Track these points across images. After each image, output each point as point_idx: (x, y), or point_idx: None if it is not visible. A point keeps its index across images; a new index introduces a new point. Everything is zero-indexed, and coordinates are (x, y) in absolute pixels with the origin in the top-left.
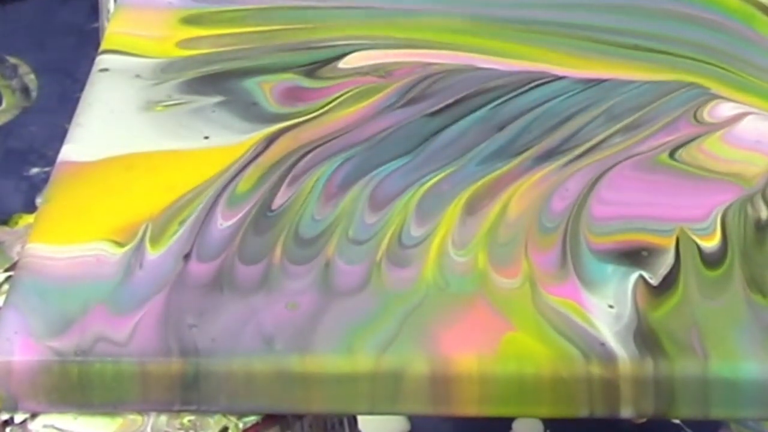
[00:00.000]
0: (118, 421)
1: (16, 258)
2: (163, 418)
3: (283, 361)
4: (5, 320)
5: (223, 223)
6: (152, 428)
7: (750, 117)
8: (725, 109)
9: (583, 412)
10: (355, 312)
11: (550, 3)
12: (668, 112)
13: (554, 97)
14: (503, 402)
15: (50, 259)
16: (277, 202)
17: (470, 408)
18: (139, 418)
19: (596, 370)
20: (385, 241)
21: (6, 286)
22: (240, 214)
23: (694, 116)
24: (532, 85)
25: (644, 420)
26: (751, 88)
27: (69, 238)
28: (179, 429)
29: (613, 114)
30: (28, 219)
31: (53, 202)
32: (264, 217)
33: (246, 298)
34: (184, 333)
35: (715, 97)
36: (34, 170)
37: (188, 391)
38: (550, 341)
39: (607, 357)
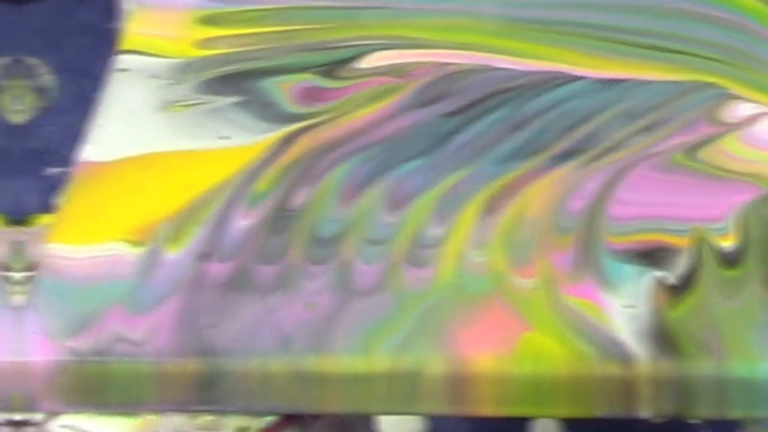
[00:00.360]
0: (135, 421)
1: (34, 258)
2: (180, 418)
3: (300, 361)
4: (24, 320)
5: (241, 223)
6: (169, 428)
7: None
8: (743, 109)
9: (600, 412)
10: (373, 312)
11: (568, 3)
12: (686, 112)
13: (572, 98)
14: (520, 402)
15: (69, 259)
16: (296, 202)
17: (487, 408)
18: (156, 417)
19: (614, 370)
20: (403, 242)
21: (22, 286)
22: (258, 214)
23: (712, 116)
24: (550, 85)
25: (662, 420)
26: None
27: (88, 238)
28: (197, 429)
29: (631, 114)
30: (46, 219)
31: (72, 202)
32: (282, 218)
33: (264, 298)
34: (202, 333)
35: (733, 97)
36: (52, 170)
37: (206, 392)
38: (567, 341)
39: (625, 357)
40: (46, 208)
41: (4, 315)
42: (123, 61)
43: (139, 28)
